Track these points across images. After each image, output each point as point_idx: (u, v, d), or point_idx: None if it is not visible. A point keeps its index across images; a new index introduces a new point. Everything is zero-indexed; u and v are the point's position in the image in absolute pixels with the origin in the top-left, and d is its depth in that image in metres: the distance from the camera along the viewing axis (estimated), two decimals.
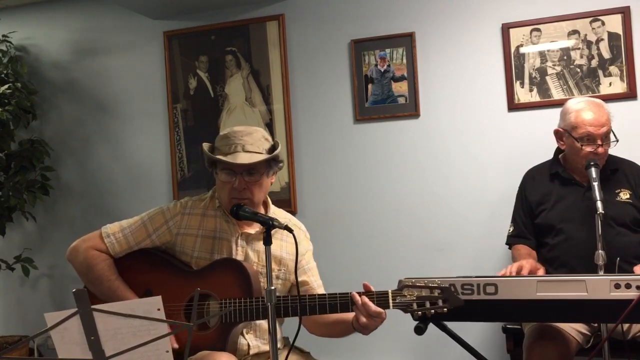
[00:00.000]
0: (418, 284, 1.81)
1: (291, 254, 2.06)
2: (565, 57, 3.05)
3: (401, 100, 3.29)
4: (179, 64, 3.66)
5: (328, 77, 3.41)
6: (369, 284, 1.86)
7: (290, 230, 1.77)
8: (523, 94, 3.10)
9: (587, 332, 2.27)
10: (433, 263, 3.22)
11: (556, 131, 2.55)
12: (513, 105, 3.12)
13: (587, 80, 3.02)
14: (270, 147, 2.01)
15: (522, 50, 3.10)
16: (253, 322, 2.01)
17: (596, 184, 2.18)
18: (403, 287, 1.82)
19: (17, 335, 3.89)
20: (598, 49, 3.01)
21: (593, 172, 2.25)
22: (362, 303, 1.80)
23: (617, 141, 2.43)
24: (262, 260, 2.02)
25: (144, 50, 3.75)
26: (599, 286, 1.74)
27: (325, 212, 3.42)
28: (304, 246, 2.13)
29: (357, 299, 1.81)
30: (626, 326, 2.28)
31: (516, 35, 3.10)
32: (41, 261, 3.82)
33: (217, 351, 1.87)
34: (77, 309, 1.21)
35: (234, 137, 1.97)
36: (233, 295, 1.92)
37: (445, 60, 3.23)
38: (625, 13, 2.96)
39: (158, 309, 1.28)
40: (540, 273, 2.26)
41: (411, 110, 3.27)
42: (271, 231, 1.76)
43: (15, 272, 3.72)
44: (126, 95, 3.79)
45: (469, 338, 2.15)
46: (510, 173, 2.98)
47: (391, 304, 1.81)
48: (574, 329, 2.23)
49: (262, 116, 3.51)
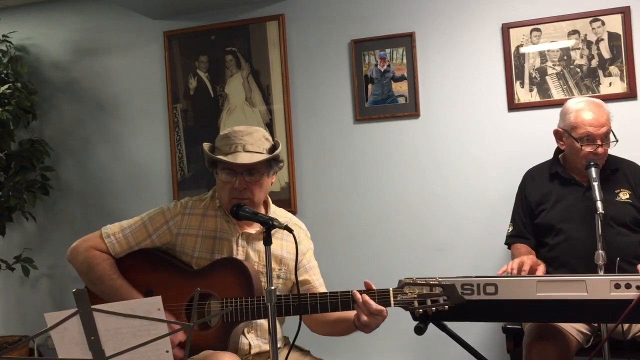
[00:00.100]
0: (419, 282, 1.81)
1: (292, 254, 2.05)
2: (565, 57, 3.05)
3: (401, 100, 3.29)
4: (179, 64, 3.66)
5: (328, 77, 3.41)
6: (370, 282, 1.86)
7: (290, 230, 1.77)
8: (523, 94, 3.10)
9: (587, 332, 2.28)
10: (433, 263, 3.22)
11: (556, 131, 2.55)
12: (513, 105, 3.12)
13: (587, 80, 3.02)
14: (270, 147, 2.01)
15: (522, 50, 3.10)
16: (254, 322, 2.01)
17: (596, 184, 2.18)
18: (404, 285, 1.82)
19: (17, 335, 3.89)
20: (598, 49, 3.01)
21: (593, 172, 2.25)
22: (363, 301, 1.80)
23: (617, 141, 2.43)
24: (263, 260, 2.02)
25: (144, 50, 3.75)
26: (599, 286, 1.74)
27: (325, 212, 3.42)
28: (305, 245, 2.13)
29: (358, 298, 1.81)
30: (626, 326, 2.29)
31: (516, 35, 3.10)
32: (41, 261, 3.82)
33: (221, 351, 1.87)
34: (77, 309, 1.21)
35: (235, 137, 1.97)
36: (234, 294, 1.91)
37: (445, 60, 3.23)
38: (625, 13, 2.96)
39: (158, 309, 1.28)
40: (541, 268, 2.26)
41: (411, 110, 3.27)
42: (271, 231, 1.76)
43: (15, 272, 3.72)
44: (126, 95, 3.79)
45: (469, 338, 2.15)
46: (510, 173, 2.98)
47: (392, 302, 1.81)
48: (574, 328, 2.23)
49: (262, 116, 3.51)
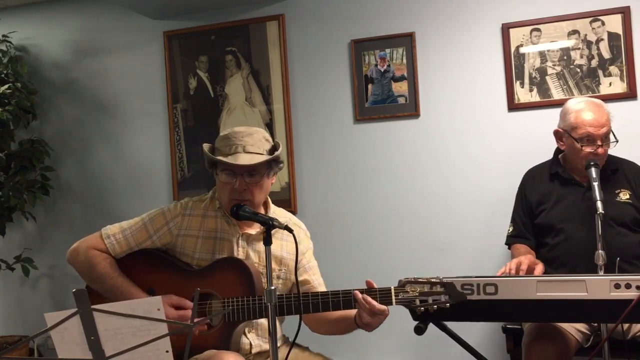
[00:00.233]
0: (420, 280, 1.81)
1: (292, 254, 2.06)
2: (565, 57, 3.05)
3: (401, 100, 3.29)
4: (179, 64, 3.66)
5: (328, 77, 3.41)
6: (372, 281, 1.86)
7: (290, 230, 1.77)
8: (523, 94, 3.10)
9: (587, 332, 2.28)
10: (433, 263, 3.22)
11: (556, 131, 2.55)
12: (513, 105, 3.12)
13: (587, 80, 3.02)
14: (270, 148, 2.01)
15: (522, 50, 3.10)
16: (255, 321, 2.01)
17: (596, 184, 2.18)
18: (405, 284, 1.82)
19: (17, 335, 3.89)
20: (598, 49, 3.01)
21: (593, 172, 2.25)
22: (366, 302, 1.80)
23: (617, 141, 2.43)
24: (263, 260, 2.01)
25: (144, 50, 3.75)
26: (599, 286, 1.74)
27: (325, 212, 3.42)
28: (305, 245, 2.13)
29: (360, 298, 1.81)
30: (626, 326, 2.28)
31: (516, 35, 3.10)
32: (41, 261, 3.82)
33: (224, 350, 1.87)
34: (77, 309, 1.21)
35: (235, 138, 1.97)
36: (235, 294, 1.91)
37: (445, 60, 3.23)
38: (625, 13, 2.96)
39: (158, 309, 1.28)
40: (539, 268, 2.26)
41: (411, 110, 3.27)
42: (271, 231, 1.76)
43: (15, 272, 3.72)
44: (126, 95, 3.79)
45: (469, 338, 2.15)
46: (510, 173, 2.98)
47: (394, 300, 1.81)
48: (574, 328, 2.23)
49: (262, 116, 3.51)
